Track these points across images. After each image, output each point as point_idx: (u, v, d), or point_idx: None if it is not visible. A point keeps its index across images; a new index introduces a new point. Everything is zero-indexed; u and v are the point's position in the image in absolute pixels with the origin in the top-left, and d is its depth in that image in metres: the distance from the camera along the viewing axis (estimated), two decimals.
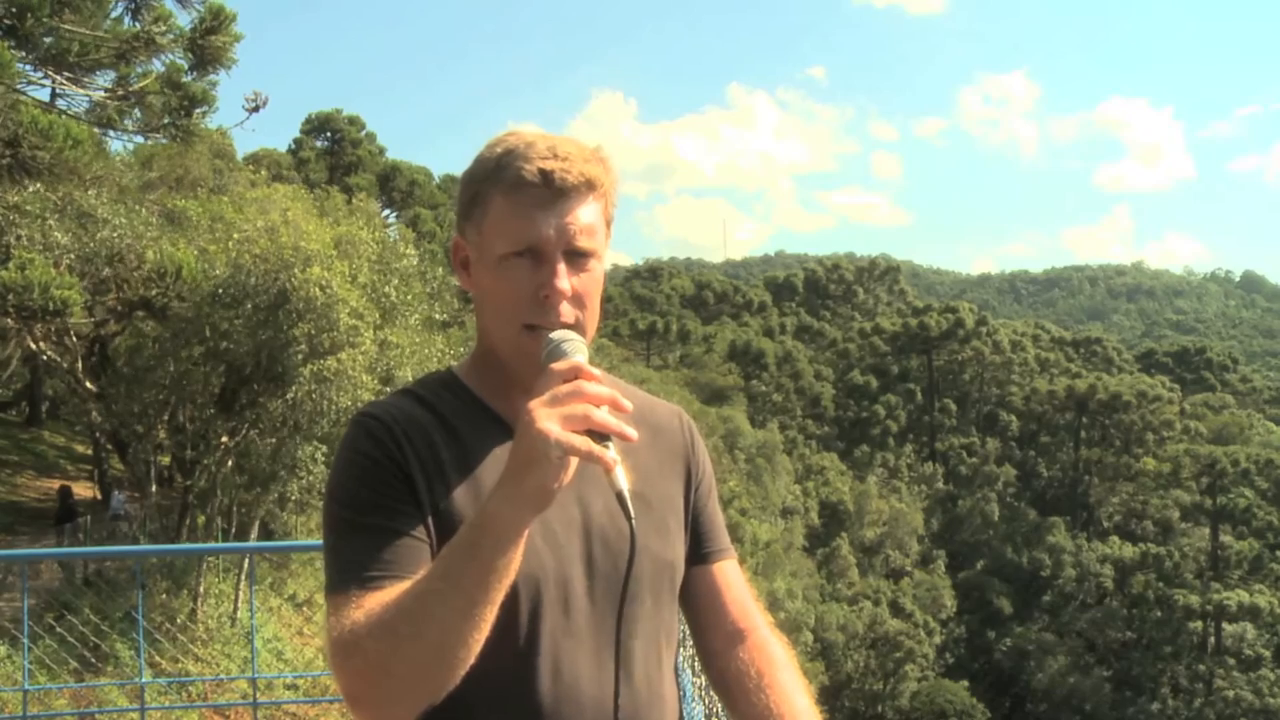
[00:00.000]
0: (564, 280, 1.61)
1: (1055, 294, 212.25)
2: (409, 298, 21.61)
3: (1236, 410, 73.59)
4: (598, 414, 1.39)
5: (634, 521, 1.45)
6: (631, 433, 1.41)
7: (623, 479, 1.43)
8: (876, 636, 50.65)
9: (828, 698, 45.63)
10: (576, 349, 1.55)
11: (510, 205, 1.63)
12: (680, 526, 1.82)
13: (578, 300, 1.64)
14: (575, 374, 1.43)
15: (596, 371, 1.46)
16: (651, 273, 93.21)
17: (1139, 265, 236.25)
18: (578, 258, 1.64)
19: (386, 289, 20.85)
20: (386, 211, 46.13)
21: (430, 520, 1.60)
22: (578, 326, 1.63)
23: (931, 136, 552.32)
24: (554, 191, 1.62)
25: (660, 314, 70.51)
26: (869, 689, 50.40)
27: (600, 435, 1.40)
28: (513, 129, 1.71)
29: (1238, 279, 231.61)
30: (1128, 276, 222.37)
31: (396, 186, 47.86)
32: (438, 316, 26.01)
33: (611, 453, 1.40)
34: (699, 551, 1.86)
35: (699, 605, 1.88)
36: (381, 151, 50.28)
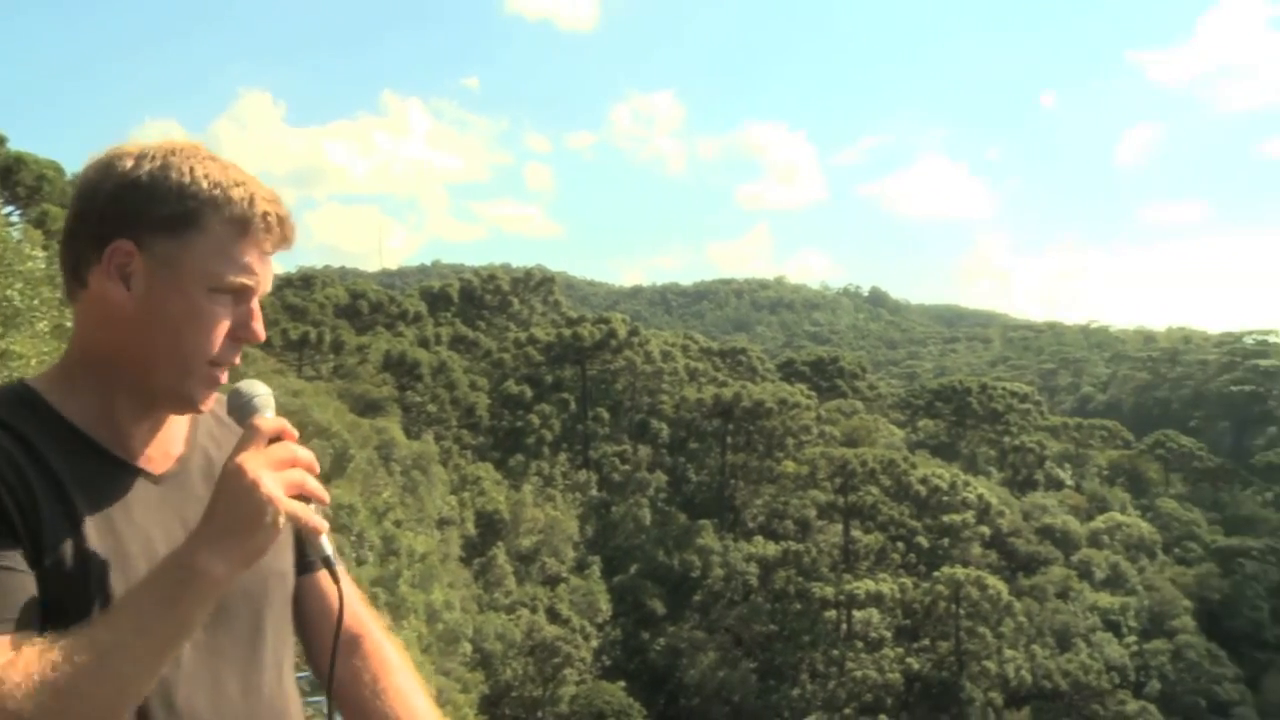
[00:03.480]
0: (261, 325, 1.58)
1: (704, 306, 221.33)
2: (36, 303, 19.96)
3: (865, 415, 79.20)
4: (311, 481, 1.43)
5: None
6: (325, 496, 1.45)
7: (328, 544, 1.51)
8: (535, 643, 51.09)
9: (487, 707, 45.62)
10: (267, 404, 1.54)
11: (234, 240, 1.55)
12: (289, 536, 1.75)
13: None
14: (280, 434, 1.45)
15: (293, 429, 1.48)
16: (304, 281, 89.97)
17: (780, 280, 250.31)
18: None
19: (9, 293, 19.16)
20: (9, 209, 42.46)
21: (25, 552, 1.44)
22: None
23: (582, 150, 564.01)
24: (276, 240, 1.59)
25: (313, 324, 68.26)
26: (529, 696, 50.75)
27: (304, 496, 1.44)
28: (188, 141, 1.60)
29: (866, 294, 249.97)
30: (770, 290, 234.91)
31: (21, 181, 44.07)
32: (69, 324, 24.14)
33: (318, 517, 1.45)
34: (305, 559, 1.81)
35: (310, 614, 1.83)
36: (2, 141, 46.22)
